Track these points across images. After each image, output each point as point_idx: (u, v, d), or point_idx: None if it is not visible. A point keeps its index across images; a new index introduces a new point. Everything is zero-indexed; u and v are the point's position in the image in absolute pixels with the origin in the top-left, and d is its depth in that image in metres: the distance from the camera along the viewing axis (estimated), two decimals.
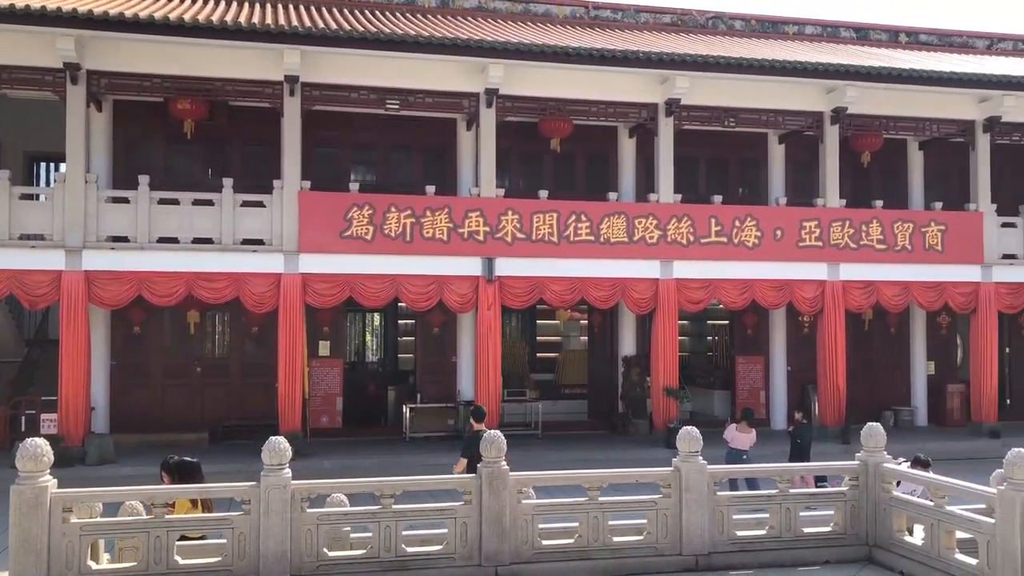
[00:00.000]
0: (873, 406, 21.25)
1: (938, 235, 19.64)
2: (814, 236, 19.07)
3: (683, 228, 18.48)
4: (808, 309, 19.63)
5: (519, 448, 17.77)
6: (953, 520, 7.36)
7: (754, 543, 8.07)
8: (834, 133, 19.39)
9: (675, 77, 17.94)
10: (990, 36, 24.18)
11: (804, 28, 22.92)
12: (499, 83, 17.43)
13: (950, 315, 21.59)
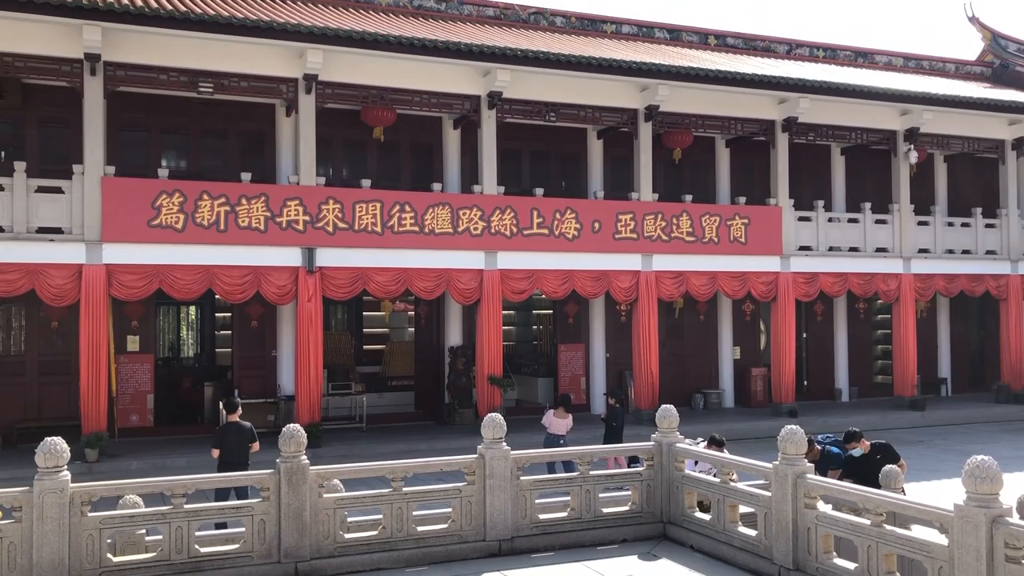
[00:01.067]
0: (685, 389, 22.43)
1: (742, 228, 20.87)
2: (629, 229, 19.82)
3: (507, 220, 18.75)
4: (624, 298, 20.39)
5: (343, 442, 17.57)
6: (736, 495, 7.86)
7: (556, 525, 8.31)
8: (647, 130, 20.21)
9: (496, 70, 18.16)
10: (790, 42, 25.96)
11: (621, 27, 23.77)
12: (318, 69, 17.05)
13: (754, 303, 23.03)
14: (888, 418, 21.49)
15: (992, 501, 5.55)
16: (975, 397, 24.62)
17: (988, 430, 20.89)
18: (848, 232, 22.39)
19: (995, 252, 23.68)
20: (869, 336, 25.32)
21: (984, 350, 25.70)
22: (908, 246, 22.63)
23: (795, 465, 7.16)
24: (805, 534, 7.00)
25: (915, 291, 22.73)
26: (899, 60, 27.07)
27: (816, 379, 24.37)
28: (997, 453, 17.63)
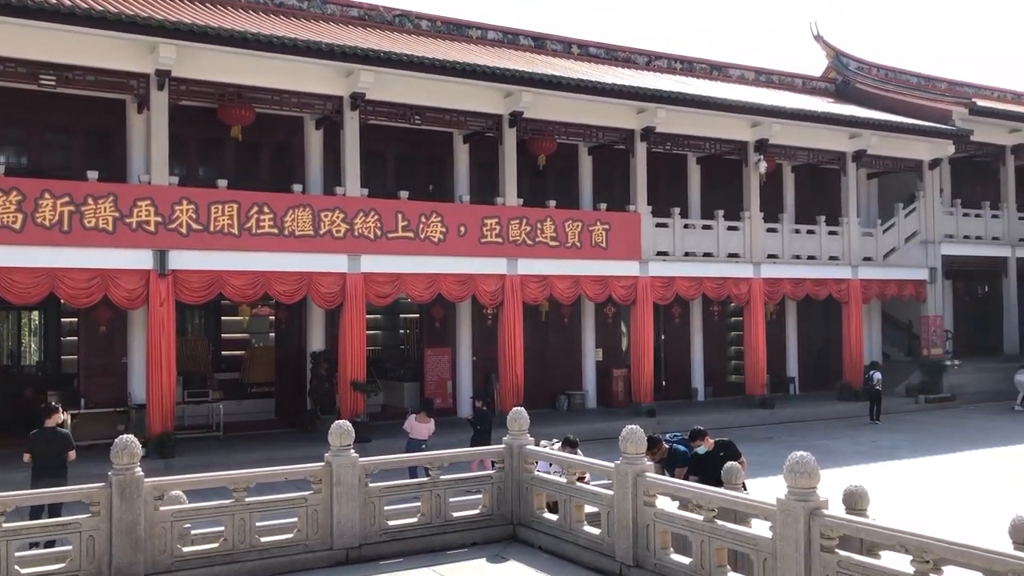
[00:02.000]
0: (550, 391, 22.80)
1: (603, 233, 21.39)
2: (495, 233, 19.99)
3: (370, 222, 18.56)
4: (490, 302, 20.55)
5: (199, 451, 16.95)
6: (581, 495, 8.04)
7: (406, 531, 8.29)
8: (512, 136, 20.45)
9: (360, 71, 17.96)
10: (649, 53, 26.83)
11: (487, 33, 23.97)
12: (171, 64, 16.41)
13: (615, 306, 23.64)
14: (740, 416, 22.47)
15: (810, 495, 5.89)
16: (820, 395, 26.04)
17: (831, 426, 22.15)
18: (703, 238, 23.30)
19: (837, 258, 25.14)
20: (723, 338, 26.41)
21: (828, 350, 27.21)
22: (758, 252, 23.74)
23: (635, 464, 7.39)
24: (645, 531, 7.24)
25: (764, 295, 23.86)
26: (751, 74, 28.40)
27: (674, 379, 25.22)
28: (837, 448, 18.84)
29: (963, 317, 29.73)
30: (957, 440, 19.56)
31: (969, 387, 26.42)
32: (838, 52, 29.86)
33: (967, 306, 30.38)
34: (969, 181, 29.32)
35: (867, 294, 25.59)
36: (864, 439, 19.99)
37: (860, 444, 19.33)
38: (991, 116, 27.30)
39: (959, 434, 20.56)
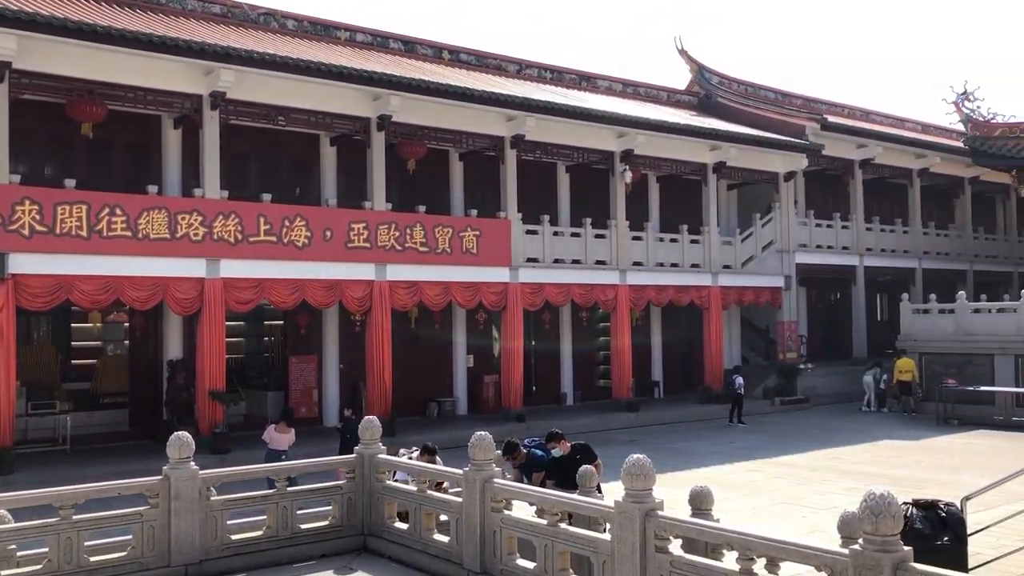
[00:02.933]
0: (420, 398, 22.64)
1: (474, 239, 21.43)
2: (362, 238, 19.70)
3: (231, 226, 17.97)
4: (357, 308, 20.24)
5: (44, 466, 15.97)
6: (431, 503, 7.98)
7: (250, 545, 8.01)
8: (380, 139, 20.24)
9: (220, 70, 17.39)
10: (520, 62, 27.14)
11: (356, 36, 23.66)
12: (12, 56, 15.46)
13: (486, 312, 23.70)
14: (606, 419, 22.93)
15: (646, 496, 6.02)
16: (683, 398, 26.86)
17: (692, 428, 22.88)
18: (571, 245, 23.68)
19: (699, 265, 26.03)
20: (593, 343, 26.90)
21: (691, 355, 28.12)
22: (624, 259, 24.31)
23: (483, 470, 7.38)
24: (492, 537, 7.24)
25: (630, 301, 24.45)
26: (619, 86, 29.11)
27: (544, 384, 25.50)
28: (697, 448, 19.43)
29: (816, 322, 31.30)
30: (809, 440, 20.51)
31: (821, 389, 27.83)
32: (701, 67, 31.00)
33: (820, 312, 32.00)
34: (822, 193, 30.94)
35: (726, 300, 26.60)
36: (722, 440, 20.72)
37: (719, 445, 20.01)
38: (841, 132, 28.92)
39: (811, 434, 21.58)
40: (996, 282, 33.87)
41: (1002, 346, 24.15)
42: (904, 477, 15.69)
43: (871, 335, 30.46)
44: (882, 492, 4.78)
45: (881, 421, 24.07)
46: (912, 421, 23.88)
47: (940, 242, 33.13)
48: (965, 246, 33.96)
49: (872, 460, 17.99)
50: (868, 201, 31.35)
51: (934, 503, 9.27)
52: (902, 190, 32.93)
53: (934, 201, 34.29)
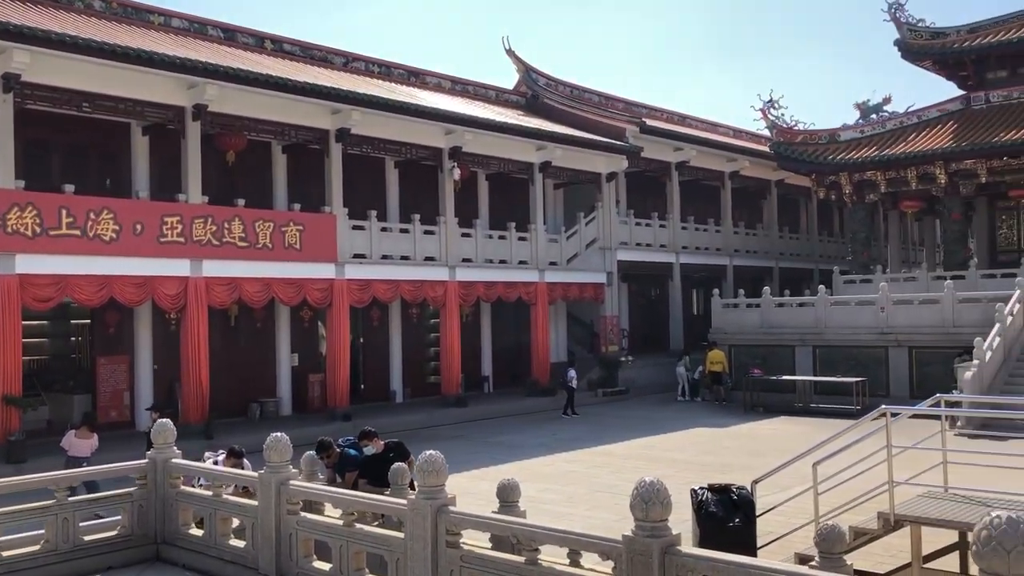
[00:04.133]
0: (240, 399, 21.88)
1: (297, 234, 20.93)
2: (176, 232, 18.84)
3: (28, 218, 16.74)
4: (171, 306, 19.34)
5: None
6: (225, 507, 7.73)
7: (26, 561, 7.49)
8: (196, 129, 19.41)
9: (12, 50, 16.14)
10: (347, 55, 26.73)
11: (171, 21, 22.53)
12: None
13: (311, 310, 23.23)
14: (435, 415, 22.99)
15: (438, 492, 6.08)
16: (512, 392, 27.31)
17: (518, 421, 23.30)
18: (400, 241, 23.57)
19: (526, 262, 26.55)
20: (422, 339, 26.90)
21: (520, 349, 28.63)
22: (453, 256, 24.45)
23: (279, 473, 7.22)
24: (288, 540, 7.10)
25: (459, 297, 24.62)
26: (448, 83, 29.23)
27: (372, 382, 25.27)
28: (522, 441, 19.78)
29: (638, 317, 32.61)
30: (628, 429, 21.33)
31: (641, 380, 29.03)
32: (528, 68, 31.59)
33: (641, 306, 33.36)
34: (642, 193, 32.25)
35: (553, 296, 27.28)
36: (546, 432, 21.22)
37: (542, 437, 20.47)
38: (658, 135, 30.27)
39: (630, 424, 22.45)
40: (799, 278, 36.47)
41: (802, 338, 26.01)
42: (712, 462, 16.59)
43: (688, 328, 32.05)
44: (651, 480, 5.03)
45: (694, 410, 25.37)
46: (722, 409, 25.29)
47: (749, 241, 35.31)
48: (772, 245, 36.36)
49: (684, 447, 18.91)
50: (684, 201, 32.97)
51: (727, 487, 9.84)
52: (715, 191, 34.86)
53: (744, 202, 36.51)
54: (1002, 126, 27.90)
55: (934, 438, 9.74)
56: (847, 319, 25.38)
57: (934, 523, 8.55)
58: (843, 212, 35.48)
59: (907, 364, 23.91)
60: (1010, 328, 21.32)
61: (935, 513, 8.70)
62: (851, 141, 30.42)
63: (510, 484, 7.98)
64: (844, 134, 30.74)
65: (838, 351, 25.18)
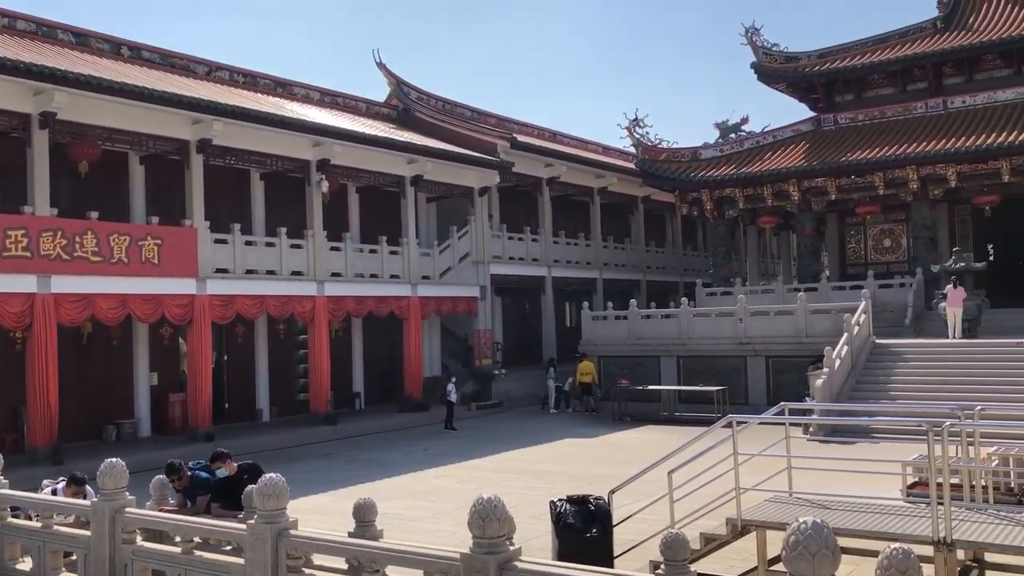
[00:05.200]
0: (95, 421, 20.85)
1: (155, 249, 20.09)
2: (21, 246, 17.77)
3: None
4: (15, 324, 18.22)
5: None
6: (57, 539, 7.31)
7: None
8: (44, 137, 18.41)
9: None
10: (210, 64, 25.95)
11: (16, 23, 21.29)
12: None
13: (172, 326, 22.32)
14: (304, 434, 22.47)
15: (279, 516, 5.91)
16: (384, 408, 27.01)
17: (390, 437, 23.05)
18: (266, 255, 22.98)
19: (398, 276, 26.35)
20: (291, 356, 26.26)
21: (393, 365, 28.36)
22: (322, 270, 24.01)
23: (114, 501, 6.87)
24: (123, 571, 6.76)
25: (328, 312, 24.19)
26: (316, 94, 28.78)
27: (237, 401, 24.49)
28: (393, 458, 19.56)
29: (511, 329, 32.89)
30: (500, 442, 21.42)
31: (514, 392, 29.25)
32: (400, 81, 31.48)
33: (514, 320, 33.66)
34: (514, 208, 32.61)
35: (425, 310, 27.17)
36: (417, 448, 21.06)
37: (414, 453, 20.31)
38: (529, 151, 30.71)
39: (502, 436, 22.58)
40: (666, 290, 37.66)
41: (667, 348, 26.81)
42: (579, 473, 16.84)
43: (561, 340, 32.53)
44: (489, 497, 5.04)
45: (565, 421, 25.74)
46: (592, 419, 25.76)
47: (618, 255, 36.22)
48: (640, 258, 37.41)
49: (554, 458, 19.14)
50: (556, 216, 33.54)
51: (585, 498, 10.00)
52: (585, 206, 35.63)
53: (613, 217, 37.46)
54: (849, 146, 29.65)
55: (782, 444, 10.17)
56: (708, 330, 26.32)
57: (776, 527, 8.90)
58: (706, 227, 36.86)
59: (764, 372, 24.98)
60: (857, 337, 22.58)
61: (777, 517, 9.08)
62: (712, 159, 31.69)
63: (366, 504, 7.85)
64: (705, 152, 31.99)
65: (701, 361, 26.08)
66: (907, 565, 3.89)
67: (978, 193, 27.80)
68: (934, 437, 8.11)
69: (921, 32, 30.98)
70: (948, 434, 8.81)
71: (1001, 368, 20.70)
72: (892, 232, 31.09)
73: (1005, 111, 28.39)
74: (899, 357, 22.43)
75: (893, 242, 31.10)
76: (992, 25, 29.77)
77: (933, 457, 8.03)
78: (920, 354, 22.38)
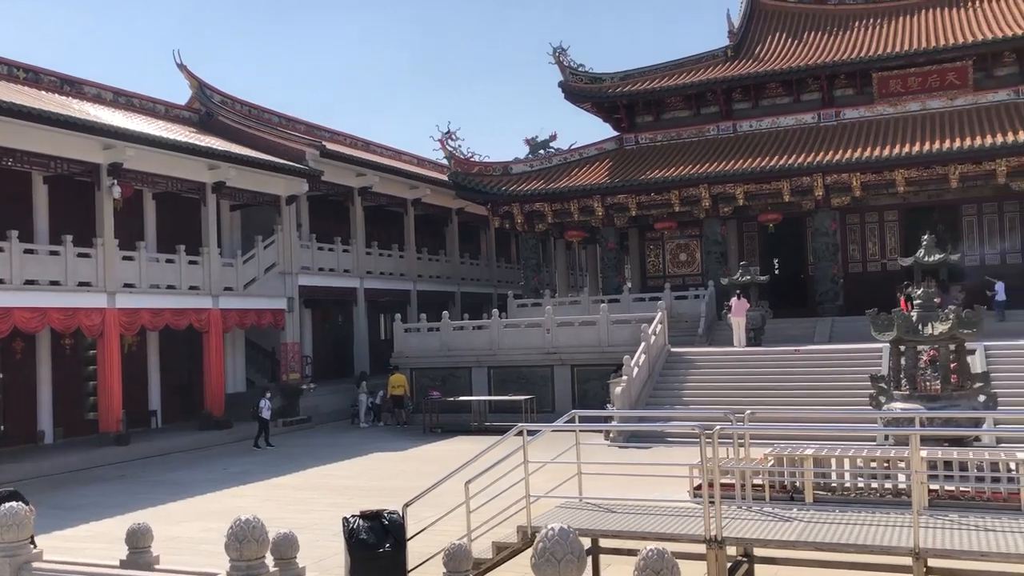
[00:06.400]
0: None
1: None
2: None
3: None
4: None
5: None
6: None
7: None
8: None
9: None
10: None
11: None
12: None
13: None
14: (93, 455, 21.08)
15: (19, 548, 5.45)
16: (184, 426, 25.68)
17: (190, 457, 21.94)
18: (49, 265, 21.32)
19: (198, 287, 25.14)
20: (79, 373, 24.44)
21: (193, 380, 27.05)
22: (113, 280, 22.53)
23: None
24: None
25: (121, 325, 22.72)
26: (109, 94, 27.04)
27: (16, 422, 22.54)
28: (190, 478, 18.61)
29: (323, 343, 32.20)
30: (307, 459, 20.85)
31: (324, 407, 28.62)
32: (202, 83, 30.17)
33: (326, 332, 32.99)
34: (325, 218, 31.98)
35: (228, 323, 26.08)
36: (217, 467, 20.18)
37: (214, 472, 19.45)
38: (338, 159, 30.27)
39: (310, 452, 22.00)
40: (480, 302, 38.13)
41: (478, 359, 27.13)
42: (386, 487, 16.65)
43: (375, 353, 32.18)
44: (247, 518, 4.87)
45: (376, 435, 25.45)
46: (403, 432, 25.62)
47: (433, 266, 36.33)
48: (454, 270, 37.70)
49: (361, 474, 18.86)
50: (369, 227, 33.20)
51: (379, 513, 9.87)
52: (400, 217, 35.51)
53: (428, 229, 37.55)
54: (649, 165, 31.22)
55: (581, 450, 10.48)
56: (518, 341, 26.88)
57: None
58: (519, 239, 37.70)
59: (570, 381, 25.79)
60: (654, 346, 23.74)
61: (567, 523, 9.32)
62: (522, 174, 32.44)
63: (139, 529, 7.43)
64: (516, 167, 32.71)
65: (511, 371, 26.57)
66: (661, 565, 4.10)
67: (763, 211, 30.01)
68: (706, 440, 8.61)
69: (714, 59, 33.13)
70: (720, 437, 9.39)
71: (780, 373, 22.40)
72: (688, 247, 32.99)
73: (787, 135, 30.86)
74: (691, 365, 23.77)
75: (688, 256, 32.99)
76: (775, 56, 32.31)
77: (705, 459, 8.52)
78: (710, 362, 23.83)
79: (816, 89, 31.16)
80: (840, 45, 31.82)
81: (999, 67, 29.29)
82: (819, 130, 30.57)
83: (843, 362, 22.05)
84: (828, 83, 30.78)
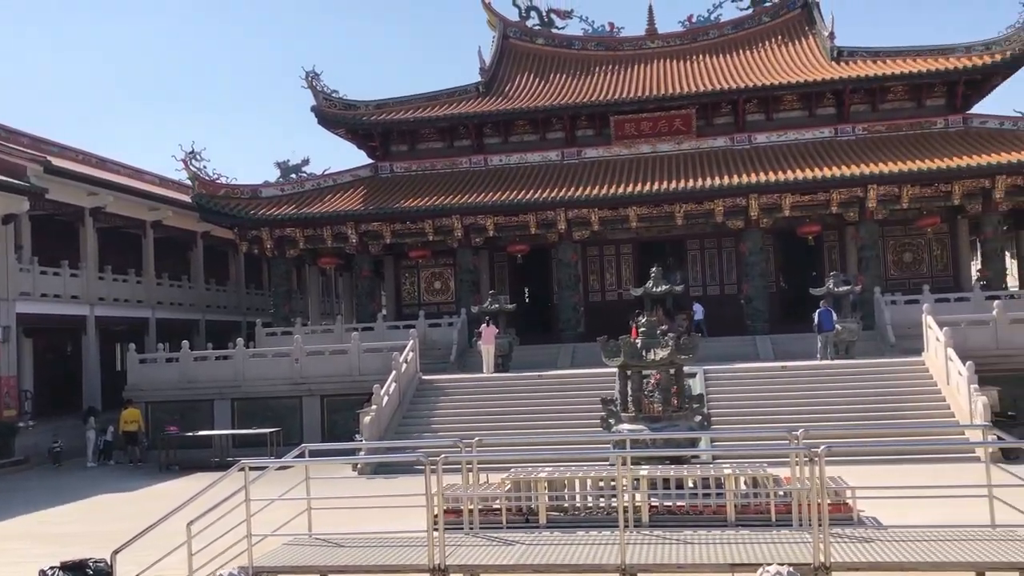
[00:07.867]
0: None
1: None
2: None
3: None
4: None
5: None
6: None
7: None
8: None
9: None
10: None
11: None
12: None
13: None
14: None
15: None
16: None
17: None
18: None
19: None
20: None
21: None
22: None
23: None
24: None
25: None
26: None
27: None
28: None
29: (45, 375, 29.31)
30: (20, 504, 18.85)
31: (47, 446, 26.01)
32: None
33: (51, 364, 30.09)
34: (52, 239, 29.27)
35: None
36: None
37: None
38: (67, 177, 27.91)
39: (25, 498, 19.92)
40: (228, 331, 36.41)
41: (220, 391, 25.88)
42: (107, 531, 15.33)
43: (109, 386, 29.72)
44: None
45: (106, 475, 23.54)
46: (137, 471, 23.87)
47: (175, 293, 34.30)
48: (199, 297, 35.80)
49: (82, 518, 17.32)
50: (103, 250, 30.82)
51: (83, 562, 9.13)
52: (138, 240, 33.24)
53: (170, 253, 35.41)
54: (403, 194, 31.46)
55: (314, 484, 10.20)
56: (265, 371, 25.97)
57: (288, 570, 8.90)
58: (271, 265, 36.54)
59: (319, 412, 25.25)
60: (405, 374, 23.81)
61: (291, 561, 9.08)
62: (272, 198, 31.54)
63: None
64: (266, 191, 31.75)
65: (257, 403, 25.59)
66: None
67: (512, 242, 31.16)
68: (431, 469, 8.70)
69: (466, 94, 34.09)
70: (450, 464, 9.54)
71: (526, 398, 23.25)
72: (442, 275, 33.51)
73: (534, 171, 32.28)
74: (442, 392, 24.08)
75: (443, 284, 33.51)
76: (523, 94, 33.81)
77: (429, 489, 8.61)
78: (460, 389, 24.26)
79: (560, 128, 32.90)
80: (582, 88, 33.87)
81: (717, 116, 32.43)
82: (563, 167, 32.26)
83: (582, 386, 23.23)
84: (571, 123, 32.62)
